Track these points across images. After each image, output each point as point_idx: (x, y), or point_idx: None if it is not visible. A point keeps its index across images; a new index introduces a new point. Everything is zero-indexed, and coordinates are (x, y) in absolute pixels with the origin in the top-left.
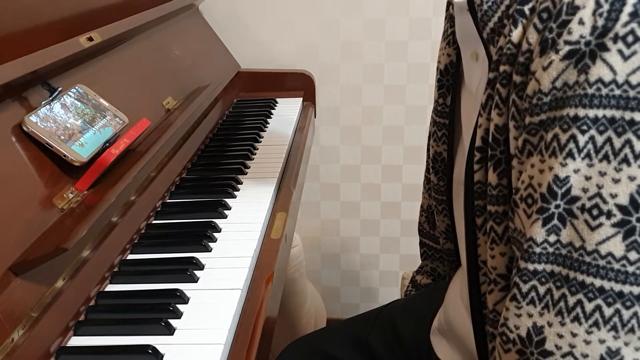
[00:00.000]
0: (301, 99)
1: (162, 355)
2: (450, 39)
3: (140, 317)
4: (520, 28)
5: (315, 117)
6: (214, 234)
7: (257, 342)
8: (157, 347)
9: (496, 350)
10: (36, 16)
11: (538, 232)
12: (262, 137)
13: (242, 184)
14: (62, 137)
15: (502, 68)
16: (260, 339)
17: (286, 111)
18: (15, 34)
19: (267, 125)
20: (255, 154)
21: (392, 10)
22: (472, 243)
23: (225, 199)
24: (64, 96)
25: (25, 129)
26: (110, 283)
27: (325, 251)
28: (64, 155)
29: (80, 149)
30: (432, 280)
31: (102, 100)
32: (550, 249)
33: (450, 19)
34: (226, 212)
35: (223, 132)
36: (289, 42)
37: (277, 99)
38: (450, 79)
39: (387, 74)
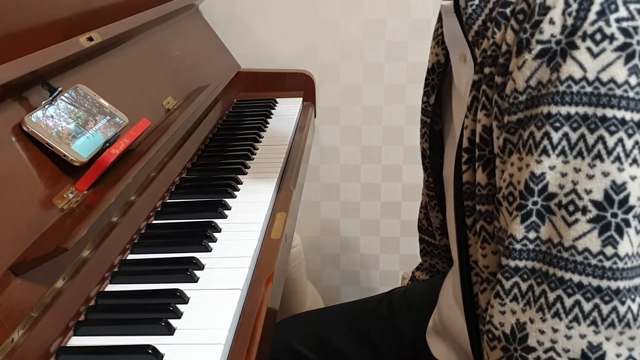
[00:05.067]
0: (301, 99)
1: (162, 355)
2: (439, 38)
3: (140, 317)
4: (502, 30)
5: (315, 117)
6: (214, 234)
7: (257, 342)
8: (157, 347)
9: (484, 348)
10: (36, 16)
11: (517, 229)
12: (262, 137)
13: (242, 184)
14: (62, 137)
15: (486, 70)
16: (260, 339)
17: (286, 111)
18: (15, 34)
19: (267, 125)
20: (255, 154)
21: (392, 10)
22: (463, 243)
23: (225, 199)
24: (64, 96)
25: (25, 129)
26: (110, 283)
27: (325, 251)
28: (64, 155)
29: (80, 149)
30: (431, 278)
31: (102, 100)
32: (531, 246)
33: (441, 20)
34: (226, 212)
35: (223, 132)
36: (289, 42)
37: (277, 99)
38: (435, 78)
39: (387, 74)
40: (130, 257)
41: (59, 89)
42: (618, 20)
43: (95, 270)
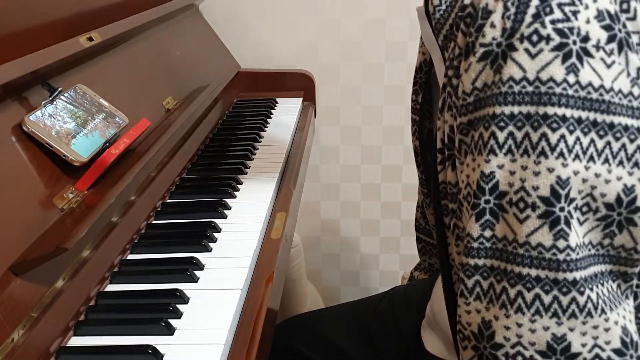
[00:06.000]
0: (301, 99)
1: (162, 355)
2: None
3: (140, 317)
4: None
5: (315, 117)
6: (214, 234)
7: (257, 342)
8: (157, 347)
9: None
10: (36, 16)
11: (474, 228)
12: (262, 137)
13: (242, 184)
14: (62, 137)
15: (449, 72)
16: (260, 339)
17: (286, 111)
18: (15, 34)
19: (267, 125)
20: (255, 154)
21: (392, 10)
22: (443, 241)
23: (225, 199)
24: (64, 96)
25: (25, 129)
26: (110, 283)
27: (325, 251)
28: (64, 155)
29: (80, 149)
30: (430, 277)
31: (101, 100)
32: (488, 244)
33: None
34: (226, 212)
35: (223, 132)
36: (289, 42)
37: (277, 99)
38: (423, 77)
39: (387, 74)
40: (130, 257)
41: (59, 89)
42: (553, 22)
43: (95, 270)
